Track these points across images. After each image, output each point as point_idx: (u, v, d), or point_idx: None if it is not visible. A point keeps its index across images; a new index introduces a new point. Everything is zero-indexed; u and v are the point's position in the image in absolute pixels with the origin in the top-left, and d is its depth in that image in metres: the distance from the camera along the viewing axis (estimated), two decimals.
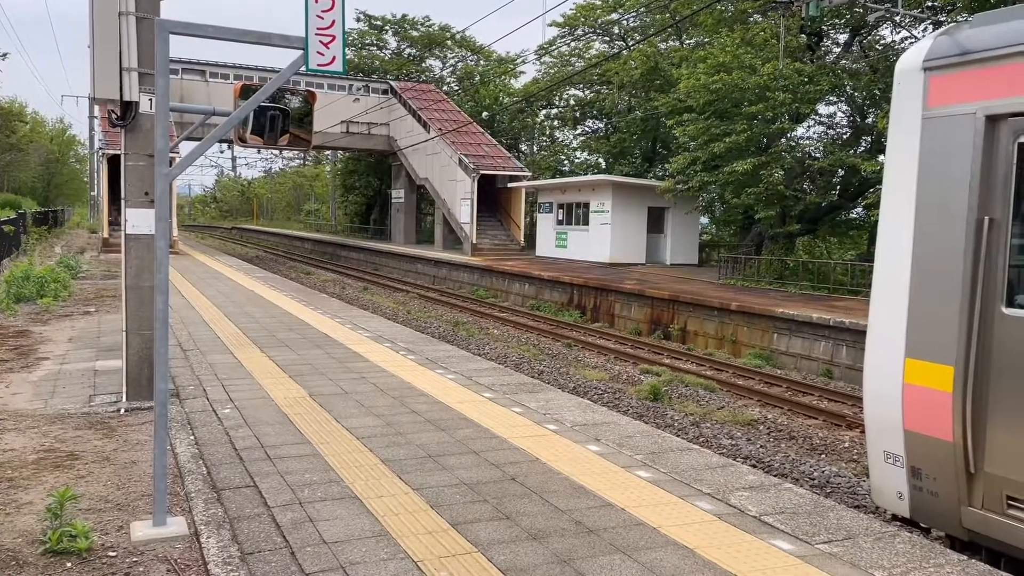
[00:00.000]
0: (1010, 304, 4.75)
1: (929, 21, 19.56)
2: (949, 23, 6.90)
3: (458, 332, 18.56)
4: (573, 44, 40.94)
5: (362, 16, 49.65)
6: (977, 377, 4.86)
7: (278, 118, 5.10)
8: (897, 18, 23.33)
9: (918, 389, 5.22)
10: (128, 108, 7.20)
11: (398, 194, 43.44)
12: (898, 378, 5.35)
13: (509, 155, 37.28)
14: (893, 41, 24.96)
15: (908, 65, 5.42)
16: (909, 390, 5.28)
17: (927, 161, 5.20)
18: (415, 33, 49.57)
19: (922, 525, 5.47)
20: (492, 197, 36.09)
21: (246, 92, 4.81)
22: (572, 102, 42.26)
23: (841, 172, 23.89)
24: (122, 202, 7.38)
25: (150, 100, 7.10)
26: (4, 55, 39.13)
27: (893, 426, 5.40)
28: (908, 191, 5.32)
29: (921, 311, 5.20)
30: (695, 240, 30.34)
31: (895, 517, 5.69)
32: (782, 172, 22.64)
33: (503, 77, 47.47)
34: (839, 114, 26.96)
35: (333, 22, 4.39)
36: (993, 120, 4.83)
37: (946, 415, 5.01)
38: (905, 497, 5.42)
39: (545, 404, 7.58)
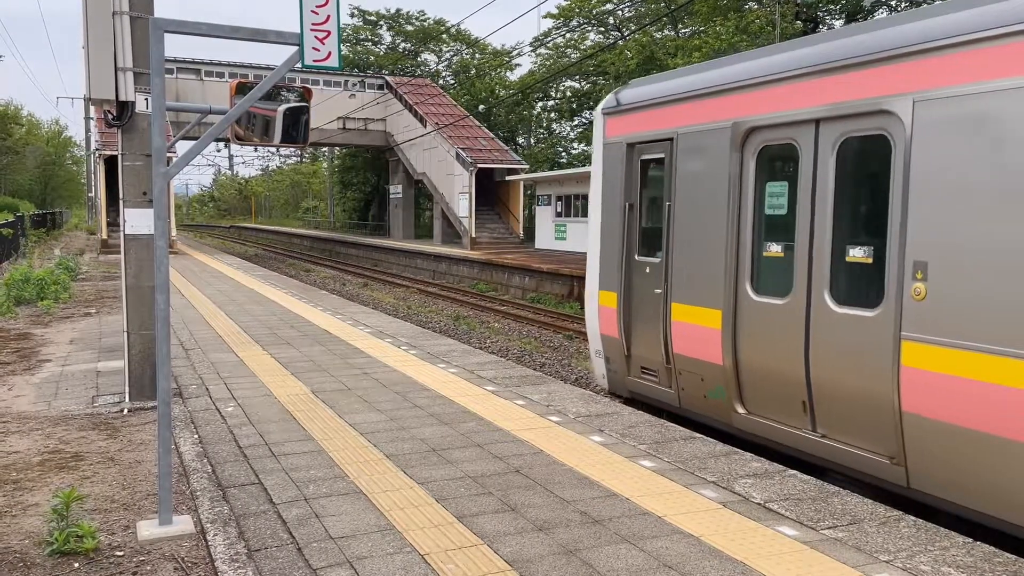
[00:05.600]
0: (639, 255, 8.03)
1: (926, 4, 19.50)
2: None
3: (459, 326, 18.57)
4: (568, 35, 40.87)
5: (356, 11, 49.62)
6: (625, 298, 8.14)
7: (300, 117, 5.05)
8: (893, 2, 23.28)
9: (604, 308, 8.47)
10: (124, 108, 7.19)
11: (396, 189, 43.40)
12: (596, 302, 8.63)
13: (506, 148, 37.23)
14: None
15: (599, 110, 8.64)
16: (602, 310, 8.52)
17: (605, 170, 8.49)
18: (410, 28, 49.52)
19: (617, 394, 8.45)
20: (490, 190, 36.06)
21: (242, 89, 4.80)
22: (568, 94, 42.22)
23: None
24: (120, 202, 7.37)
25: (146, 99, 7.08)
26: None
27: (596, 333, 8.66)
28: (598, 187, 8.64)
29: (604, 259, 8.51)
30: None
31: (607, 394, 8.61)
32: None
33: (499, 70, 47.37)
34: None
35: (328, 17, 4.37)
36: (630, 146, 8.06)
37: (615, 322, 8.26)
38: (604, 378, 8.66)
39: (548, 396, 7.59)
